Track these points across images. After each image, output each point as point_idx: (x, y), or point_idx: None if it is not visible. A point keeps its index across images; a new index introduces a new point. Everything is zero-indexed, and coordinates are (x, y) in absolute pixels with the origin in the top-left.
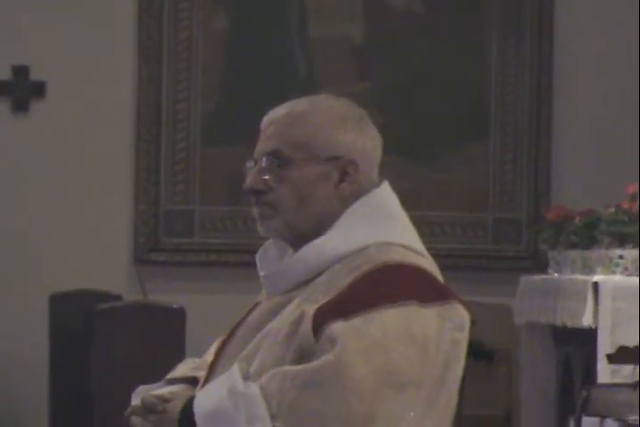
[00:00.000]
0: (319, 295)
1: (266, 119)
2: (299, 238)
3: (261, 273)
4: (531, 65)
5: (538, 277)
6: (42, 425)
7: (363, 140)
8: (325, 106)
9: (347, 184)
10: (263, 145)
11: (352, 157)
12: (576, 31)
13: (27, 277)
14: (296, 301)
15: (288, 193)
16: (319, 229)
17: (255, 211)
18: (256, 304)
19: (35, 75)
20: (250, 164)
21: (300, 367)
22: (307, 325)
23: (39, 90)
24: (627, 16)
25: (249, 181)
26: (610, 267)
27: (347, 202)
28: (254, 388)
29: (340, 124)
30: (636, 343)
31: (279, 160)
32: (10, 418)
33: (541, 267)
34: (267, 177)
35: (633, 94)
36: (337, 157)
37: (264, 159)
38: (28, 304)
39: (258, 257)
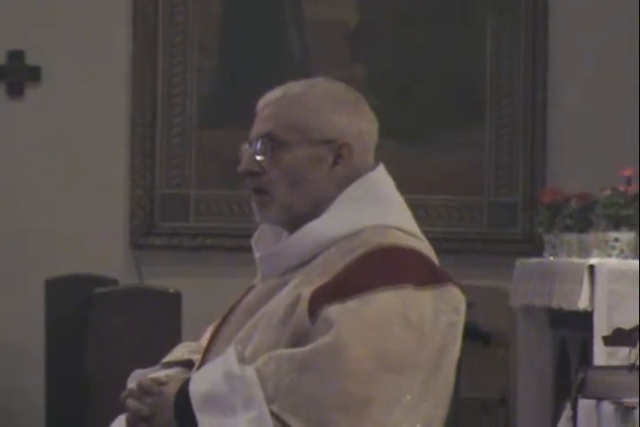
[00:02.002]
0: (315, 278)
1: (261, 102)
2: (294, 221)
3: (257, 255)
4: (526, 48)
5: (534, 261)
6: (38, 410)
7: (358, 123)
8: (321, 89)
9: (341, 167)
10: (258, 127)
11: (347, 140)
12: (571, 14)
13: (22, 262)
14: (292, 283)
15: (281, 175)
16: (314, 211)
17: (252, 198)
18: (251, 287)
19: (30, 59)
20: (245, 146)
21: (296, 350)
22: (302, 307)
23: (34, 75)
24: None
25: (243, 163)
26: (606, 250)
27: (341, 185)
28: (250, 371)
29: (336, 107)
30: (632, 326)
31: (273, 142)
32: (6, 403)
33: (537, 250)
34: (261, 159)
35: (630, 76)
36: (331, 140)
37: (259, 141)
38: (24, 289)
39: (253, 240)
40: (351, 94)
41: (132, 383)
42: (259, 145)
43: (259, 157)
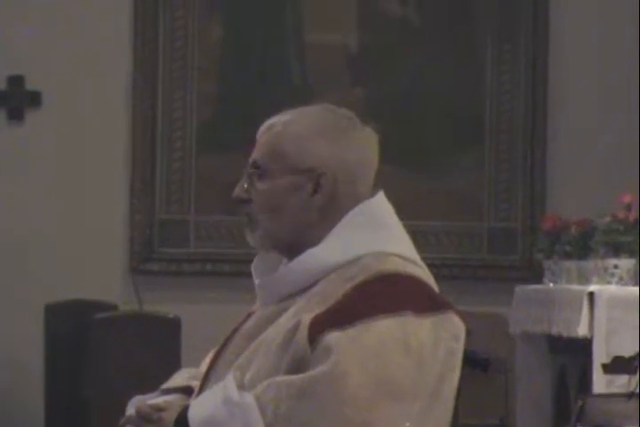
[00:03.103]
0: (315, 305)
1: (260, 130)
2: (281, 249)
3: (256, 281)
4: (526, 73)
5: (533, 287)
6: None
7: (342, 151)
8: (307, 117)
9: (320, 196)
10: (252, 154)
11: (326, 168)
12: (571, 40)
13: (22, 287)
14: (291, 310)
15: (262, 203)
16: (297, 239)
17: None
18: (250, 314)
19: (30, 84)
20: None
21: (295, 377)
22: (302, 334)
23: (34, 99)
24: (622, 27)
25: (235, 190)
26: (605, 277)
27: (323, 213)
28: (249, 397)
29: (316, 134)
30: (631, 354)
31: (258, 171)
32: (5, 425)
33: (537, 277)
34: (246, 187)
35: (629, 104)
36: (309, 169)
37: (249, 169)
38: (24, 314)
39: (253, 266)
40: (342, 122)
41: (131, 410)
42: (247, 173)
43: (245, 185)
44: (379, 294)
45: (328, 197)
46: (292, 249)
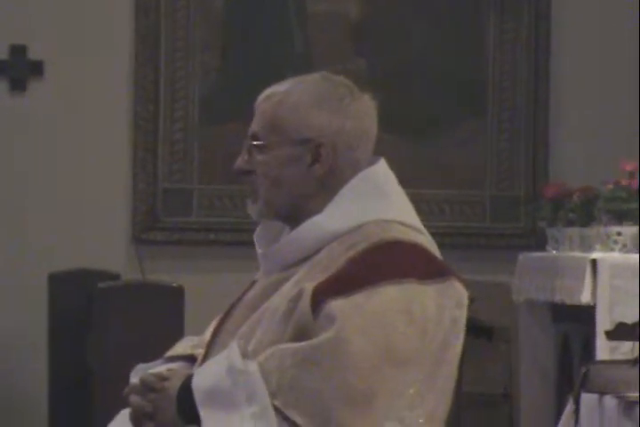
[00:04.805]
0: (317, 273)
1: (257, 100)
2: (286, 217)
3: (259, 251)
4: (528, 42)
5: (536, 255)
6: (41, 404)
7: (340, 120)
8: (304, 86)
9: (319, 166)
10: (251, 126)
11: (326, 138)
12: (574, 9)
13: (25, 257)
14: (294, 278)
15: (263, 175)
16: (298, 209)
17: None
18: (253, 282)
19: (32, 54)
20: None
21: (298, 345)
22: (305, 302)
23: (37, 69)
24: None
25: (237, 161)
26: (608, 244)
27: (323, 183)
28: (253, 366)
29: (313, 104)
30: (634, 320)
31: (257, 142)
32: (9, 397)
33: (540, 244)
34: (247, 158)
35: (632, 71)
36: (308, 140)
37: (249, 140)
38: (27, 283)
39: (256, 235)
40: (339, 90)
41: (134, 378)
42: (247, 144)
43: (246, 157)
44: (382, 262)
45: (327, 167)
46: (295, 218)
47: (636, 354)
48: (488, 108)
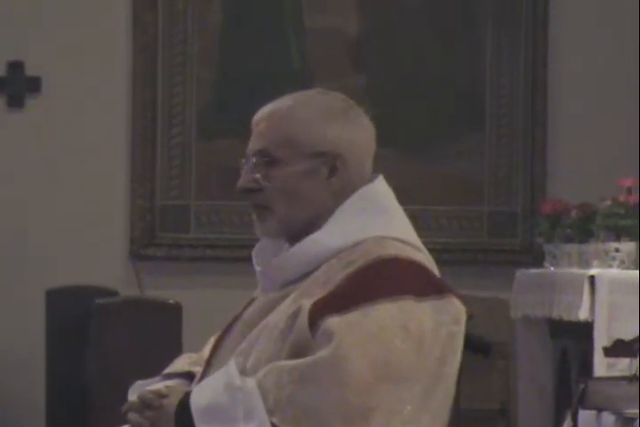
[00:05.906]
0: (315, 290)
1: (255, 117)
2: (295, 235)
3: (257, 268)
4: (526, 57)
5: (534, 271)
6: (38, 420)
7: (350, 132)
8: (309, 101)
9: (336, 179)
10: (253, 143)
11: (339, 151)
12: (571, 22)
13: (23, 273)
14: (292, 295)
15: (278, 191)
16: (313, 224)
17: (252, 214)
18: (252, 300)
19: (30, 70)
20: (243, 161)
21: (296, 362)
22: (303, 319)
23: (34, 85)
24: (623, 8)
25: (241, 180)
26: (606, 260)
27: (339, 196)
28: (251, 383)
29: (324, 118)
30: (632, 337)
31: (267, 159)
32: (6, 413)
33: (537, 261)
34: (257, 176)
35: (631, 85)
36: (323, 153)
37: (254, 158)
38: (25, 300)
39: (254, 252)
40: (341, 103)
41: (132, 395)
42: (254, 162)
43: (254, 175)
44: (379, 279)
45: (344, 180)
46: (301, 235)
47: (635, 370)
48: (485, 124)
